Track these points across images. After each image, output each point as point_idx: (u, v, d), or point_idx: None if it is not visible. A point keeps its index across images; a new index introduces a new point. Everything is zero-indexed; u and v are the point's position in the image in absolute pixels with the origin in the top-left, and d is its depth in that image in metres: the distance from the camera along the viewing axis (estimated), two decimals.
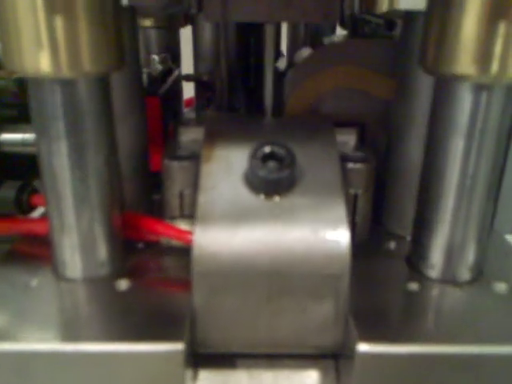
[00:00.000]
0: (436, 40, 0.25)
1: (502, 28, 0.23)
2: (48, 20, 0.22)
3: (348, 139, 0.33)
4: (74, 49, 0.23)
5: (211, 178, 0.27)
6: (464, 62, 0.24)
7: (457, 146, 0.26)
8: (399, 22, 0.36)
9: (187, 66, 0.55)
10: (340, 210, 0.26)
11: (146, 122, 0.34)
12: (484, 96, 0.25)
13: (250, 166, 0.26)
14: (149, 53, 0.52)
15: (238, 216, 0.25)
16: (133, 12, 0.31)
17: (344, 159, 0.31)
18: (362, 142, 0.34)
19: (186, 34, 0.56)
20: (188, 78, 0.52)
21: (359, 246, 0.32)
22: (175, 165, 0.30)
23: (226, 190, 0.26)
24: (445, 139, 0.26)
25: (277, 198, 0.26)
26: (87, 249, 0.28)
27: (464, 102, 0.25)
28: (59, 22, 0.22)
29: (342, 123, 0.34)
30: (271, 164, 0.26)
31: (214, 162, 0.28)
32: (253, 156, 0.26)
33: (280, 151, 0.26)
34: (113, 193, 0.29)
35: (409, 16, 0.31)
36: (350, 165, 0.31)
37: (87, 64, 0.24)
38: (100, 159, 0.27)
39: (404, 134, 0.32)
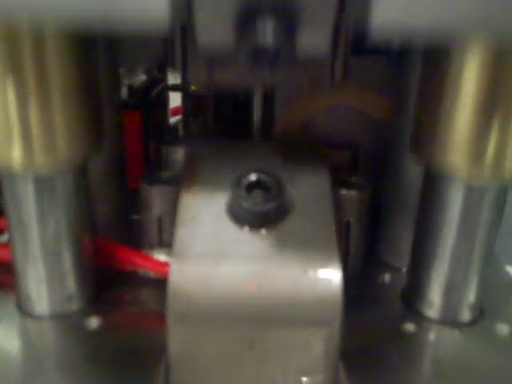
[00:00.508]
0: (428, 134, 0.24)
1: (496, 126, 0.21)
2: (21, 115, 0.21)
3: (341, 162, 0.31)
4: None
5: (191, 208, 0.25)
6: (457, 162, 0.23)
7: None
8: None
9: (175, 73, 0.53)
10: (332, 247, 0.23)
11: (122, 139, 0.31)
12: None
13: (233, 197, 0.24)
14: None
15: (220, 251, 0.23)
16: None
17: (337, 184, 0.28)
18: (355, 164, 0.31)
19: None
20: (175, 88, 0.50)
21: (352, 278, 0.30)
22: (154, 190, 0.28)
23: (207, 222, 0.24)
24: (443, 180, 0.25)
25: (263, 231, 0.24)
26: (54, 281, 0.26)
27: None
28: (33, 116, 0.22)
29: (335, 144, 0.31)
30: (257, 194, 0.24)
31: (195, 190, 0.25)
32: (236, 185, 0.24)
33: (267, 179, 0.24)
34: (83, 218, 0.26)
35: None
36: (343, 191, 0.28)
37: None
38: (68, 181, 0.25)
39: (401, 158, 0.30)
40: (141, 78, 0.42)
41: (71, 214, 0.25)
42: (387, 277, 0.31)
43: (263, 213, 0.23)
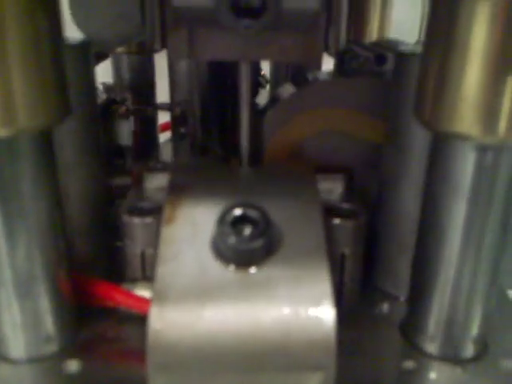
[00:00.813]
0: (434, 92, 0.21)
1: (510, 80, 0.19)
2: None
3: (334, 187, 0.29)
4: (8, 104, 0.20)
5: (173, 245, 0.23)
6: (466, 120, 0.20)
7: (458, 211, 0.23)
8: (390, 57, 0.33)
9: (164, 92, 0.52)
10: (324, 284, 0.22)
11: (103, 168, 0.30)
12: (490, 157, 0.21)
13: (217, 233, 0.22)
14: (121, 81, 0.49)
15: (204, 293, 0.21)
16: (87, 47, 0.27)
17: (329, 212, 0.27)
18: (349, 190, 0.30)
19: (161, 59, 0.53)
20: (161, 107, 0.49)
21: (347, 309, 0.28)
22: (136, 221, 0.26)
23: (190, 260, 0.22)
24: (445, 201, 0.23)
25: (250, 270, 0.22)
26: (30, 322, 0.24)
27: (467, 163, 0.22)
28: None
29: (327, 169, 0.30)
30: (243, 230, 0.22)
31: (178, 224, 0.24)
32: (221, 220, 0.22)
33: (253, 214, 0.22)
34: (59, 255, 0.25)
35: (402, 53, 0.28)
36: (337, 220, 0.27)
37: (24, 120, 0.20)
38: (42, 217, 0.23)
39: (397, 184, 0.29)
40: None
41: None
42: (385, 307, 0.29)
43: (250, 250, 0.22)
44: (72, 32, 0.28)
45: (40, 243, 0.23)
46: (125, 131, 0.41)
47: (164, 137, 0.54)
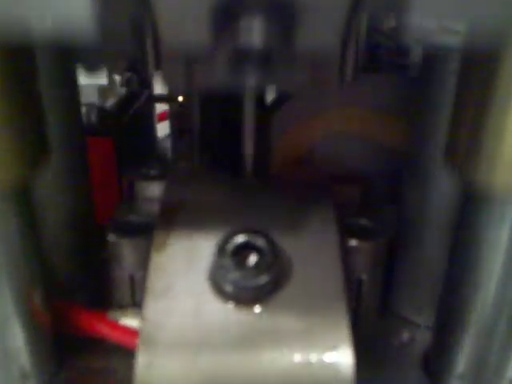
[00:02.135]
0: (468, 138, 0.18)
1: None
2: None
3: (350, 201, 0.26)
4: None
5: (164, 276, 0.20)
6: (506, 176, 0.17)
7: (500, 236, 0.19)
8: (415, 48, 0.29)
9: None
10: (342, 326, 0.19)
11: (87, 177, 0.26)
12: None
13: (216, 264, 0.19)
14: (116, 70, 0.45)
15: (200, 337, 0.18)
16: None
17: (346, 232, 0.24)
18: (367, 203, 0.27)
19: None
20: (160, 99, 0.45)
21: (364, 339, 0.25)
22: (124, 243, 0.23)
23: (184, 296, 0.19)
24: (483, 233, 0.19)
25: (255, 309, 0.19)
26: (1, 359, 0.21)
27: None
28: None
29: (342, 178, 0.27)
30: (246, 262, 0.19)
31: (170, 251, 0.20)
32: (221, 250, 0.19)
33: (259, 242, 0.19)
34: (33, 280, 0.21)
35: (433, 46, 0.24)
36: (354, 242, 0.23)
37: None
38: (11, 238, 0.20)
39: (420, 192, 0.25)
40: (120, 92, 0.37)
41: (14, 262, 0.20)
42: (405, 336, 0.26)
43: (254, 287, 0.19)
44: None
45: (9, 269, 0.20)
46: None
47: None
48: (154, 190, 0.26)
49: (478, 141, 0.18)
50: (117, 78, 0.39)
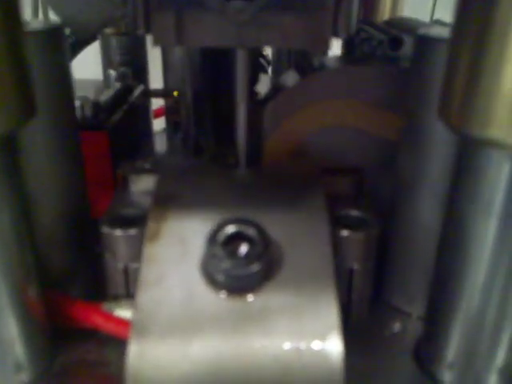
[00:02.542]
0: (464, 89, 0.18)
1: None
2: None
3: (342, 191, 0.26)
4: None
5: (157, 266, 0.20)
6: (503, 124, 0.17)
7: (488, 229, 0.19)
8: (407, 40, 0.29)
9: (157, 77, 0.48)
10: (331, 314, 0.19)
11: (82, 170, 0.26)
12: None
13: (208, 254, 0.19)
14: (111, 65, 0.45)
15: (191, 325, 0.18)
16: (58, 34, 0.23)
17: (337, 222, 0.24)
18: (359, 194, 0.27)
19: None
20: (155, 94, 0.45)
21: (356, 328, 0.25)
22: (117, 234, 0.23)
23: (176, 285, 0.19)
24: (472, 218, 0.20)
25: (246, 297, 0.19)
26: None
27: (500, 176, 0.18)
28: None
29: (334, 169, 0.27)
30: (237, 251, 0.19)
31: (163, 241, 0.21)
32: (211, 240, 0.19)
33: (249, 232, 0.19)
34: (27, 271, 0.22)
35: (423, 36, 0.24)
36: (345, 232, 0.24)
37: None
38: (4, 230, 0.20)
39: (413, 190, 0.25)
40: (115, 86, 0.37)
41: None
42: (397, 326, 0.26)
43: (245, 275, 0.19)
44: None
45: (2, 260, 0.20)
46: None
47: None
48: (147, 182, 0.26)
49: (473, 92, 0.18)
50: (112, 72, 0.39)
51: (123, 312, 0.24)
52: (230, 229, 0.19)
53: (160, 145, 0.45)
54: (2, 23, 0.17)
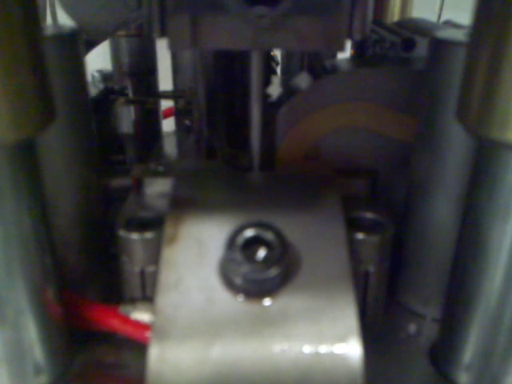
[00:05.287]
0: (483, 92, 0.18)
1: None
2: None
3: (357, 193, 0.26)
4: None
5: (175, 269, 0.20)
6: None
7: (506, 232, 0.19)
8: (421, 41, 0.29)
9: (167, 79, 0.48)
10: (350, 318, 0.19)
11: (97, 172, 0.26)
12: None
13: (226, 258, 0.19)
14: (121, 68, 0.45)
15: (210, 329, 0.18)
16: (76, 37, 0.23)
17: (352, 225, 0.24)
18: (374, 196, 0.27)
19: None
20: (164, 95, 0.45)
21: (371, 330, 0.25)
22: (134, 237, 0.23)
23: (195, 288, 0.19)
24: (490, 221, 0.20)
25: (264, 301, 0.19)
26: (14, 354, 0.22)
27: None
28: None
29: (348, 171, 0.27)
30: (255, 255, 0.19)
31: (181, 244, 0.21)
32: (230, 244, 0.19)
33: (267, 236, 0.19)
34: (46, 274, 0.22)
35: (438, 39, 0.24)
36: (360, 235, 0.24)
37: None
38: (24, 233, 0.20)
39: (428, 191, 0.25)
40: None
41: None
42: (411, 328, 0.26)
43: (264, 279, 0.19)
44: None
45: (23, 263, 0.20)
46: (124, 123, 0.37)
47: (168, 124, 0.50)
48: (162, 185, 0.26)
49: (492, 97, 0.18)
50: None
51: (140, 315, 0.24)
52: (249, 233, 0.19)
53: (170, 147, 0.45)
54: (23, 29, 0.17)
